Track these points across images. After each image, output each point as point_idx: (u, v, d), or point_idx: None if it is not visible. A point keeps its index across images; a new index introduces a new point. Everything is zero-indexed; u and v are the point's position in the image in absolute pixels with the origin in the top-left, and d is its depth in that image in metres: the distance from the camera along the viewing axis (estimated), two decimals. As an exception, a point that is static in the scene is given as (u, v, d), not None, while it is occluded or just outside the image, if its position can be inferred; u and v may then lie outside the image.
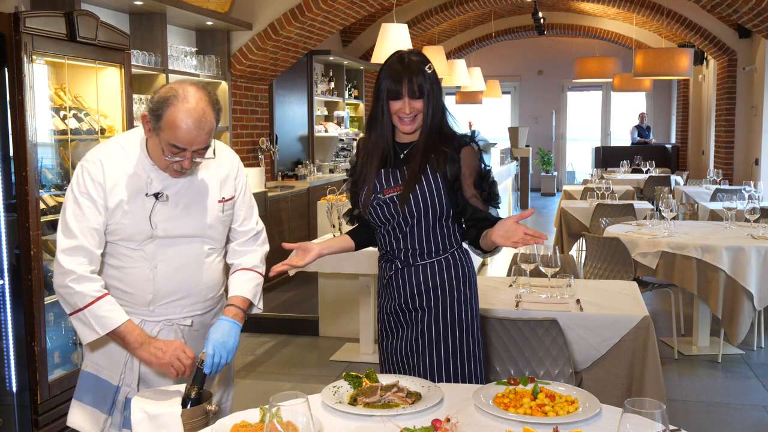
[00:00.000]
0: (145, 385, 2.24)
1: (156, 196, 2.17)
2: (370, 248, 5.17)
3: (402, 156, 2.40)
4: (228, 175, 2.31)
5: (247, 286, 2.32)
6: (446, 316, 2.37)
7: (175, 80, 2.21)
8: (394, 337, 2.44)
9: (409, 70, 2.33)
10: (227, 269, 2.42)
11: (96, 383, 2.24)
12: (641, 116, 15.67)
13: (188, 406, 1.98)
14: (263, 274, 2.40)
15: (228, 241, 2.38)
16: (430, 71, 2.36)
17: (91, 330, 2.10)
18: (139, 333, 2.13)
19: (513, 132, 14.50)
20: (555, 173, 16.52)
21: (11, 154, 3.65)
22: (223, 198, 2.28)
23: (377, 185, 2.39)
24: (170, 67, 5.74)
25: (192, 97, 2.09)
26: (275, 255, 2.55)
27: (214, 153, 2.17)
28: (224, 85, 6.69)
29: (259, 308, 2.35)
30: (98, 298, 2.09)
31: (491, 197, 2.39)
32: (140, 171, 2.17)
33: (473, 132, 2.46)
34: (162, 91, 2.11)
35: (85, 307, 2.08)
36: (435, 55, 7.54)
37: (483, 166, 2.39)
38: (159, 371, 2.20)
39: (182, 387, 2.04)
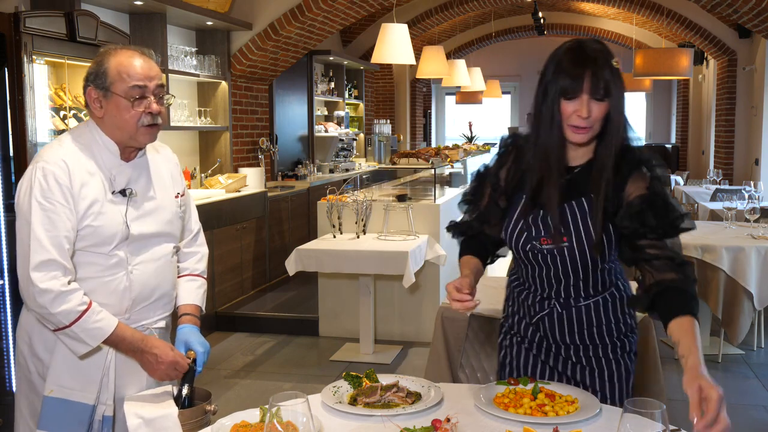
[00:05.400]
0: (119, 399, 2.13)
1: (123, 193, 2.09)
2: (369, 249, 5.12)
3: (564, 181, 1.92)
4: (176, 170, 2.30)
5: (197, 293, 2.34)
6: (606, 350, 2.02)
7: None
8: (534, 361, 2.10)
9: (593, 62, 1.82)
10: None
11: (66, 408, 2.06)
12: None
13: (185, 405, 1.98)
14: (206, 277, 2.43)
15: None
16: (617, 66, 1.86)
17: (81, 343, 1.99)
18: (131, 339, 2.04)
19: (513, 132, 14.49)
20: (555, 173, 16.48)
21: (11, 154, 3.66)
22: (178, 193, 2.27)
23: (532, 228, 1.95)
24: (170, 67, 5.74)
25: (121, 46, 2.09)
26: (276, 256, 2.56)
27: (171, 95, 2.17)
28: (224, 85, 6.69)
29: (202, 311, 2.37)
30: (84, 311, 1.96)
31: (665, 230, 1.83)
32: (102, 167, 2.07)
33: (649, 157, 1.89)
34: (91, 63, 2.09)
35: (72, 323, 1.95)
36: (435, 55, 7.54)
37: (654, 194, 1.84)
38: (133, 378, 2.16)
39: (169, 387, 2.04)
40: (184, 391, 2.01)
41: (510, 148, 2.07)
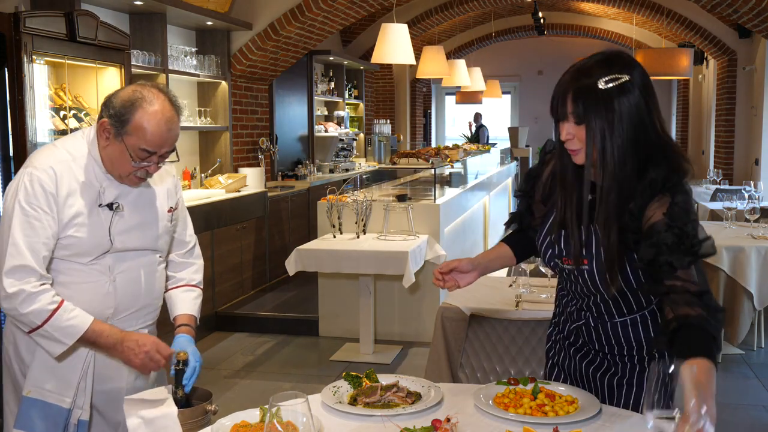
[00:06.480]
0: (96, 404, 2.14)
1: (110, 206, 2.07)
2: (369, 249, 5.11)
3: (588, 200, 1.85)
4: (172, 184, 2.29)
5: (194, 304, 2.33)
6: (643, 363, 1.94)
7: (137, 83, 2.08)
8: (574, 360, 2.06)
9: (566, 82, 1.77)
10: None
11: (43, 409, 2.07)
12: (476, 116, 14.72)
13: (184, 406, 1.98)
14: (202, 288, 2.43)
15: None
16: (607, 85, 1.73)
17: (57, 342, 1.98)
18: (108, 333, 2.03)
19: (513, 132, 14.50)
20: (555, 173, 16.44)
21: (11, 154, 3.66)
22: (171, 208, 2.25)
23: (555, 246, 1.93)
24: (170, 67, 5.74)
25: (157, 100, 2.01)
26: (276, 256, 2.55)
27: (177, 155, 2.13)
28: (224, 85, 6.69)
29: (197, 322, 2.36)
30: (56, 310, 1.95)
31: (680, 260, 1.69)
32: (92, 180, 2.06)
33: (672, 182, 1.77)
34: (123, 95, 2.01)
35: (44, 322, 1.95)
36: (435, 55, 7.54)
37: (671, 220, 1.72)
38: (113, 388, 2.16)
39: (168, 389, 2.03)
40: (178, 394, 2.01)
41: (548, 157, 2.04)
